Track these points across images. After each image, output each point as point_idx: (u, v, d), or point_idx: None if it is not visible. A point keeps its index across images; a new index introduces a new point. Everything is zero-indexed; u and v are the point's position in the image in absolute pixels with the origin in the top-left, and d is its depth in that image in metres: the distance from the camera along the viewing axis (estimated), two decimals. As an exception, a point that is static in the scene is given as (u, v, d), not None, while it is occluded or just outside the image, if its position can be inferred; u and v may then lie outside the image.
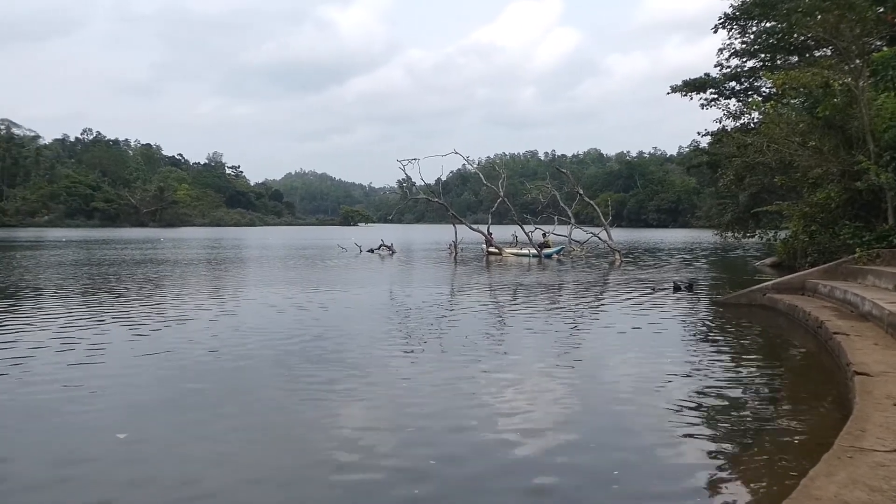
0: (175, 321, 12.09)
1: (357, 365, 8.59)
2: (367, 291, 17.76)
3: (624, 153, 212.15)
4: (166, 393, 7.31)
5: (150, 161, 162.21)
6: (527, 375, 8.11)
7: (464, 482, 4.89)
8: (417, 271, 26.02)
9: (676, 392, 7.33)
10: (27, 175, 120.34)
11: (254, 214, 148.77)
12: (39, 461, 5.24)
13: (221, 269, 25.69)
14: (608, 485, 4.85)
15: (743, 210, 30.74)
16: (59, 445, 5.61)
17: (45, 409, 6.55)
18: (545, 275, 23.36)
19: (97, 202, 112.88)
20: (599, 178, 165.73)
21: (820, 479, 4.04)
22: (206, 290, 17.61)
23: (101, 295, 16.02)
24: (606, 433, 6.02)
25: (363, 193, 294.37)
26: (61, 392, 7.18)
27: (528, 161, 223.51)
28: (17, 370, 8.13)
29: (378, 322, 12.28)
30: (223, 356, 9.00)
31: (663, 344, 10.24)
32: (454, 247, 36.33)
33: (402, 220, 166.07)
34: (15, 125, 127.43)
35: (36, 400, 6.89)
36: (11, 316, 12.55)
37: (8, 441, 5.68)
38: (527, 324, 12.10)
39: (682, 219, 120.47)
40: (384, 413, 6.59)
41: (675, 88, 33.12)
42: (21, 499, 4.59)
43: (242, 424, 6.18)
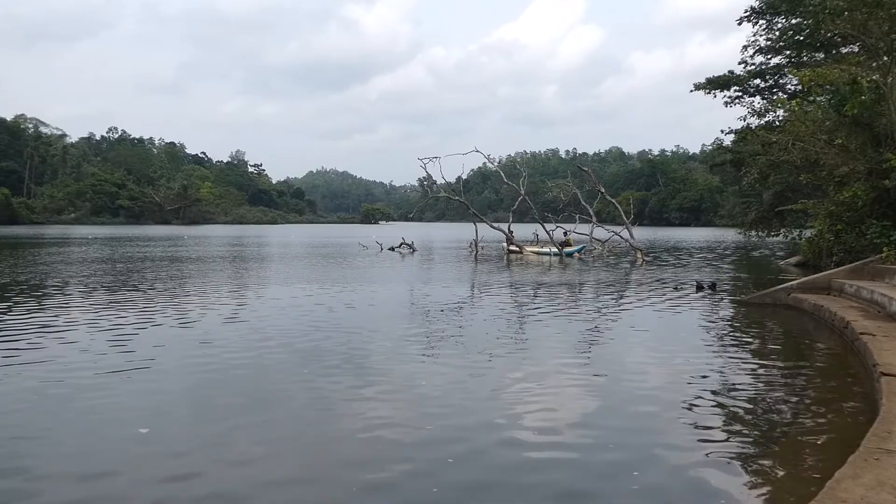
0: (198, 318, 12.22)
1: (377, 363, 8.63)
2: (387, 289, 17.81)
3: (646, 151, 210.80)
4: (188, 389, 7.39)
5: (173, 159, 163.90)
6: (547, 374, 8.08)
7: (481, 480, 4.88)
8: (438, 269, 26.04)
9: (698, 392, 7.27)
10: (54, 173, 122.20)
11: (275, 212, 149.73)
12: (61, 455, 5.33)
13: (244, 266, 25.90)
14: (628, 485, 4.81)
15: (767, 209, 30.44)
16: (81, 439, 5.70)
17: (68, 404, 6.65)
18: (566, 273, 23.28)
19: (122, 200, 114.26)
20: (621, 177, 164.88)
21: (846, 481, 3.99)
22: (229, 288, 17.77)
23: (125, 291, 16.23)
24: (626, 433, 5.98)
25: (384, 191, 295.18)
26: (85, 387, 7.28)
27: (549, 159, 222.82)
28: (42, 365, 8.25)
29: (398, 319, 12.32)
30: (245, 353, 9.07)
31: (685, 344, 10.17)
32: (475, 245, 36.34)
33: (423, 219, 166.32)
34: (43, 124, 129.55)
35: (59, 394, 6.99)
36: (40, 312, 12.74)
37: (31, 435, 5.75)
38: (547, 323, 12.07)
39: (704, 217, 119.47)
40: (404, 411, 6.60)
41: (698, 86, 32.82)
42: (43, 492, 4.65)
43: (263, 422, 6.21)
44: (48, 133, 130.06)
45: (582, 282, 20.30)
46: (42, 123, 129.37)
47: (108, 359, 8.64)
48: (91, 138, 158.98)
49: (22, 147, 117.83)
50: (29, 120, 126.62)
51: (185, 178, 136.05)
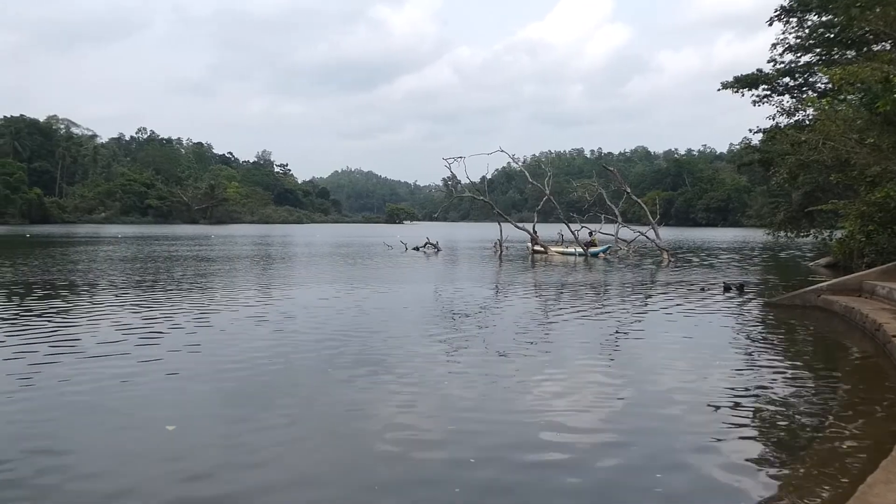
0: (225, 317, 12.35)
1: (401, 363, 8.64)
2: (412, 289, 17.86)
3: (672, 151, 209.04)
4: (214, 386, 7.47)
5: (201, 159, 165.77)
6: (571, 375, 8.06)
7: (503, 481, 4.87)
8: (462, 269, 26.06)
9: (725, 394, 7.19)
10: (85, 173, 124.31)
11: (301, 212, 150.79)
12: (88, 449, 5.44)
13: (270, 266, 26.13)
14: (651, 487, 4.78)
15: (796, 209, 29.99)
16: (108, 435, 5.80)
17: (96, 399, 6.76)
18: (591, 274, 23.16)
19: (151, 200, 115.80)
20: (647, 177, 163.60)
21: (878, 486, 3.93)
22: (256, 287, 17.93)
23: (154, 290, 16.46)
24: (651, 434, 5.93)
25: (408, 191, 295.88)
26: (112, 384, 7.39)
27: (573, 159, 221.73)
28: (72, 361, 8.40)
29: (422, 319, 12.34)
30: (271, 352, 9.14)
31: (712, 345, 10.07)
32: (499, 245, 36.28)
33: (447, 218, 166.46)
34: (74, 124, 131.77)
35: (88, 390, 7.10)
36: (70, 309, 12.97)
37: (60, 431, 5.86)
38: (572, 324, 12.01)
39: (731, 218, 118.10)
40: (426, 410, 6.61)
41: (725, 85, 32.39)
42: (71, 487, 4.73)
43: (287, 421, 6.25)
44: (79, 134, 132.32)
45: (607, 282, 20.19)
46: (73, 124, 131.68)
47: (136, 356, 8.77)
48: (121, 139, 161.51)
49: (54, 147, 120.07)
50: (61, 121, 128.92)
51: (212, 177, 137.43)
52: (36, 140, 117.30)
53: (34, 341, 9.62)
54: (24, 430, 5.80)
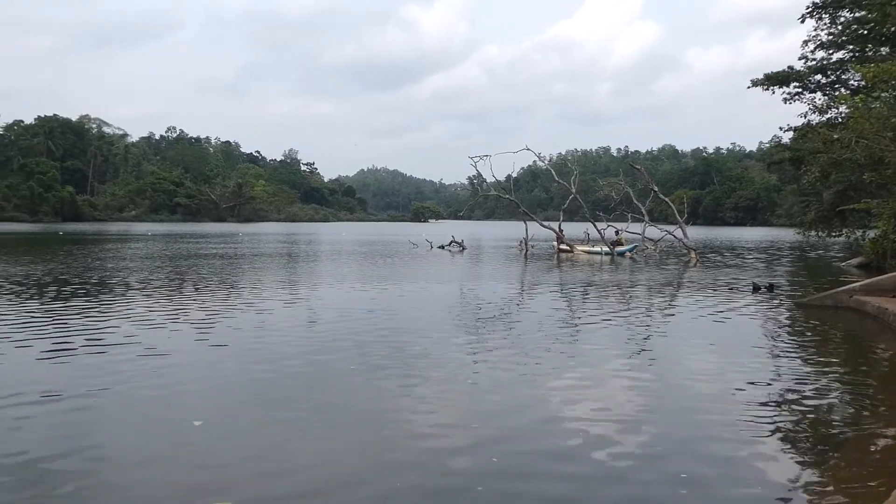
0: (252, 314, 12.48)
1: (426, 361, 8.67)
2: (437, 287, 17.89)
3: (700, 149, 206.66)
4: (241, 383, 7.55)
5: (229, 158, 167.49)
6: (597, 375, 8.02)
7: (526, 480, 4.87)
8: (488, 268, 26.04)
9: (754, 396, 7.11)
10: (116, 172, 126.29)
11: (327, 210, 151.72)
12: (115, 443, 5.53)
13: (297, 264, 26.35)
14: (675, 489, 4.74)
15: (828, 208, 29.52)
16: (136, 429, 5.88)
17: (124, 394, 6.86)
18: (618, 273, 23.01)
19: (180, 198, 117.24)
20: (674, 175, 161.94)
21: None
22: (283, 285, 18.09)
23: (183, 287, 16.69)
24: (676, 435, 5.88)
25: (433, 190, 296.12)
26: (142, 377, 7.52)
27: (600, 157, 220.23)
28: (103, 355, 8.55)
29: (447, 318, 12.36)
30: (297, 349, 9.23)
31: (741, 346, 9.96)
32: (525, 244, 36.17)
33: (473, 217, 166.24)
34: (105, 124, 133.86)
35: (116, 385, 7.20)
36: (103, 305, 13.20)
37: (87, 423, 5.97)
38: (598, 323, 11.95)
39: (761, 217, 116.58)
40: (451, 409, 6.63)
41: (756, 82, 31.98)
42: (95, 480, 4.82)
43: (313, 417, 6.31)
44: (111, 133, 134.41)
45: (634, 282, 20.04)
46: (105, 123, 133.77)
47: (164, 352, 8.90)
48: (151, 138, 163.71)
49: (86, 146, 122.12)
50: (93, 120, 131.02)
51: (239, 176, 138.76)
52: (69, 139, 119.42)
53: (68, 336, 9.82)
54: (52, 425, 5.91)
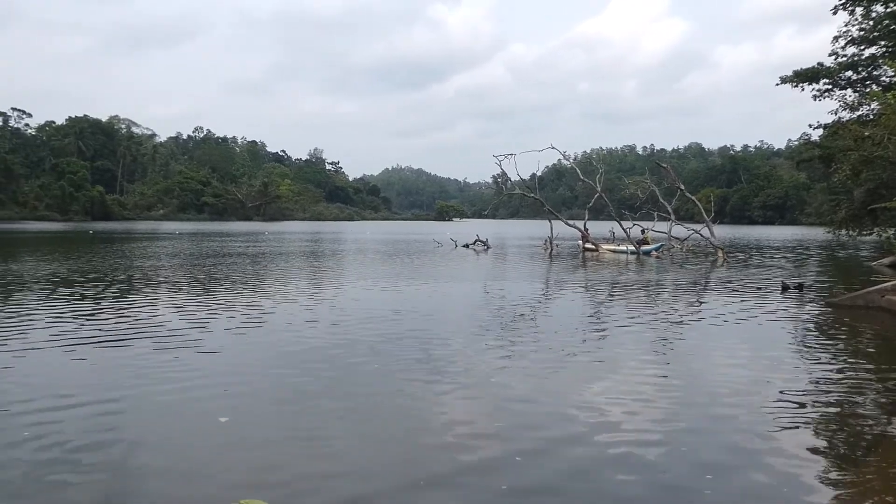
0: (278, 312, 12.60)
1: (450, 359, 8.68)
2: (461, 286, 17.91)
3: (727, 147, 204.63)
4: (267, 380, 7.61)
5: (255, 157, 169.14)
6: (622, 374, 7.97)
7: (549, 480, 4.85)
8: (512, 267, 26.00)
9: (781, 397, 7.02)
10: (144, 171, 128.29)
11: (352, 209, 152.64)
12: (141, 438, 5.59)
13: (322, 262, 26.52)
14: (700, 489, 4.70)
15: (859, 206, 29.00)
16: (162, 424, 5.96)
17: (151, 391, 6.95)
18: (643, 272, 22.84)
19: (207, 197, 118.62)
20: (701, 173, 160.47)
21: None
22: (308, 283, 18.23)
23: (210, 284, 16.88)
24: (703, 435, 5.82)
25: (458, 188, 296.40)
26: (169, 373, 7.63)
27: (625, 156, 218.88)
28: (131, 352, 8.69)
29: (473, 316, 12.36)
30: (322, 346, 9.30)
31: (769, 346, 9.84)
32: (549, 242, 36.07)
33: (497, 216, 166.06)
34: (134, 124, 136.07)
35: (143, 381, 7.32)
36: (131, 301, 13.40)
37: (115, 423, 6.03)
38: (624, 322, 11.87)
39: (789, 215, 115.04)
40: (475, 407, 6.63)
41: (785, 79, 31.60)
42: (119, 474, 4.89)
43: (338, 414, 6.34)
44: (139, 133, 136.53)
45: (660, 281, 19.89)
46: (134, 124, 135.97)
47: (191, 348, 9.03)
48: (178, 137, 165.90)
49: (115, 146, 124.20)
50: (122, 121, 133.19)
51: (265, 175, 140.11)
52: (98, 139, 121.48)
53: (95, 331, 10.01)
54: (80, 419, 6.02)
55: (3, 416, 5.97)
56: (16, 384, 7.16)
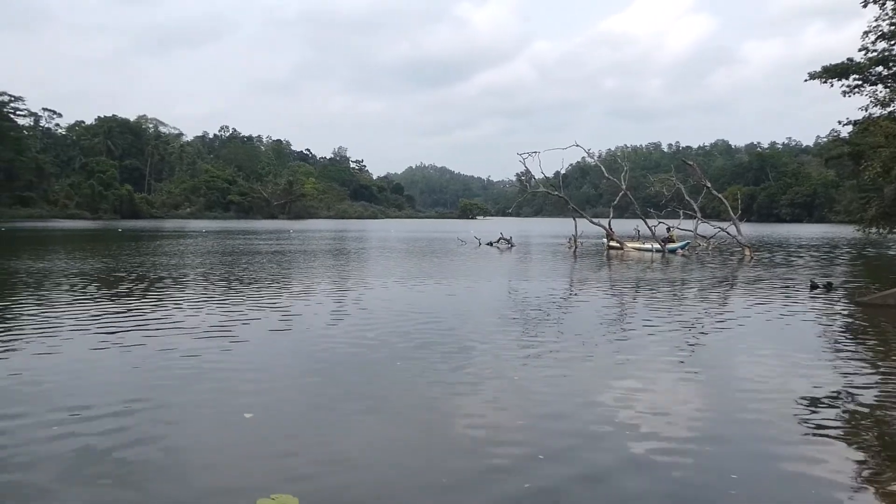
0: (302, 310, 12.71)
1: (474, 357, 8.70)
2: (485, 284, 17.93)
3: (754, 144, 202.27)
4: (292, 377, 7.69)
5: (280, 156, 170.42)
6: (646, 374, 7.93)
7: (572, 478, 4.85)
8: (536, 265, 25.96)
9: (811, 397, 6.96)
10: (171, 170, 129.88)
11: (376, 207, 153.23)
12: (166, 433, 5.69)
13: (347, 260, 26.68)
14: (725, 489, 4.68)
15: (889, 203, 28.56)
16: (188, 420, 6.04)
17: (177, 388, 7.06)
18: (669, 271, 22.69)
19: (233, 195, 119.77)
20: (727, 171, 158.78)
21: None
22: (333, 280, 18.36)
23: (236, 282, 17.06)
24: (728, 436, 5.77)
25: (481, 186, 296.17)
26: (195, 370, 7.76)
27: (650, 153, 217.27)
28: (158, 348, 8.82)
29: (496, 315, 12.38)
30: (347, 344, 9.36)
31: (797, 346, 9.74)
32: (574, 241, 35.94)
33: (521, 214, 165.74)
34: (162, 124, 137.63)
35: (170, 378, 7.44)
36: (159, 298, 13.61)
37: (140, 419, 6.11)
38: (649, 321, 11.80)
39: (818, 213, 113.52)
40: (498, 405, 6.63)
41: (813, 75, 31.09)
42: (141, 469, 4.99)
43: (362, 412, 6.38)
44: (166, 132, 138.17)
45: (686, 279, 19.75)
46: (161, 123, 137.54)
47: (217, 345, 9.16)
48: (205, 136, 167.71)
49: (143, 146, 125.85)
50: (149, 120, 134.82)
51: (290, 174, 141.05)
52: (127, 139, 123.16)
53: (122, 328, 10.19)
54: (107, 416, 6.11)
55: (33, 415, 6.06)
56: (44, 380, 7.29)
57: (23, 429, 5.65)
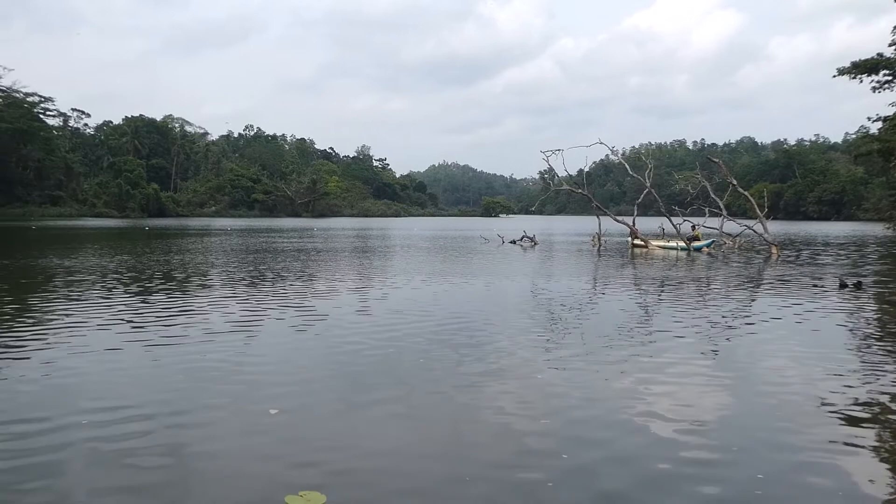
0: (327, 307, 12.78)
1: (498, 355, 8.71)
2: (509, 282, 17.91)
3: (781, 141, 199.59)
4: (316, 374, 7.75)
5: (303, 154, 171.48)
6: (671, 374, 7.87)
7: (594, 477, 4.85)
8: (560, 263, 25.87)
9: (839, 398, 6.87)
10: (197, 169, 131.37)
11: (398, 205, 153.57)
12: (194, 429, 5.75)
13: (370, 258, 26.78)
14: (751, 489, 4.65)
15: (921, 202, 28.09)
16: (215, 416, 6.10)
17: (203, 385, 7.14)
18: (694, 269, 22.49)
19: (257, 194, 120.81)
20: (753, 168, 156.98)
21: None
22: (357, 277, 18.46)
23: (261, 279, 17.22)
24: (753, 436, 5.72)
25: (504, 184, 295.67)
26: (221, 365, 7.85)
27: (675, 151, 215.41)
28: (182, 343, 8.96)
29: (519, 313, 12.37)
30: (371, 341, 9.41)
31: (826, 346, 9.60)
32: (597, 238, 35.76)
33: (544, 212, 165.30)
34: (187, 123, 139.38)
35: (196, 375, 7.53)
36: (185, 295, 13.78)
37: (167, 417, 6.20)
38: (673, 321, 11.72)
39: (846, 211, 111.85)
40: (521, 403, 6.63)
41: (842, 71, 30.76)
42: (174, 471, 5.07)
43: (384, 407, 6.42)
44: (192, 132, 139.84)
45: (711, 278, 19.57)
46: (187, 122, 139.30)
47: (242, 342, 9.27)
48: (229, 136, 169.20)
49: (169, 145, 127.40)
50: (175, 120, 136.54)
51: (314, 172, 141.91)
52: (153, 138, 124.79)
53: (149, 325, 10.35)
54: (133, 413, 6.21)
55: (60, 415, 6.14)
56: (72, 380, 7.41)
57: (51, 429, 5.70)
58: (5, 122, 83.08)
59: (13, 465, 4.92)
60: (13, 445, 5.30)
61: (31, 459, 5.01)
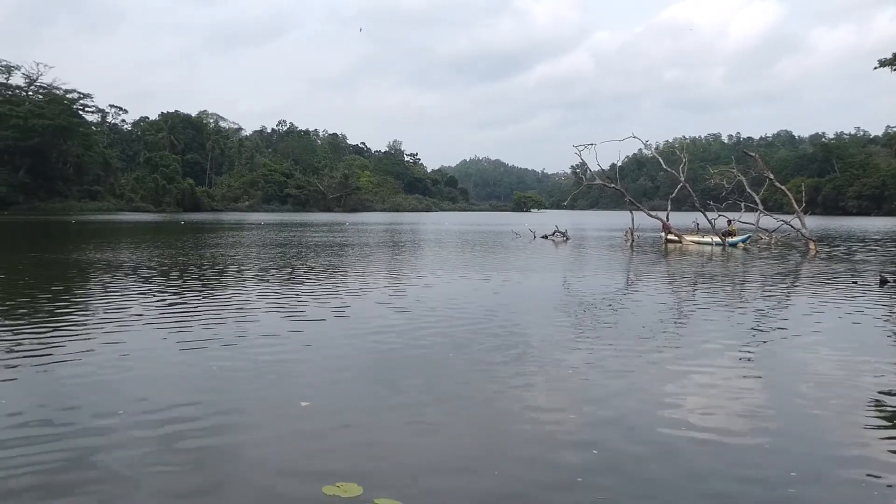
0: (359, 302, 12.88)
1: (529, 351, 8.70)
2: (541, 277, 17.86)
3: (819, 135, 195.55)
4: (347, 367, 7.80)
5: (335, 149, 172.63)
6: (704, 371, 7.78)
7: (623, 474, 4.83)
8: (592, 258, 25.71)
9: (876, 397, 6.75)
10: (231, 164, 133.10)
11: (430, 200, 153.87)
12: (226, 421, 5.84)
13: (402, 251, 26.89)
14: (784, 487, 4.60)
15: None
16: (250, 414, 6.13)
17: (238, 378, 7.23)
18: (730, 265, 22.19)
19: (290, 189, 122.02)
20: (790, 162, 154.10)
21: None
22: (389, 272, 18.54)
23: (295, 274, 17.38)
24: (788, 434, 5.65)
25: (535, 179, 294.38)
26: (251, 358, 7.96)
27: (710, 145, 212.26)
28: (215, 337, 9.09)
29: (551, 308, 12.33)
30: (402, 335, 9.46)
31: (865, 344, 9.43)
32: (631, 233, 35.46)
33: (576, 207, 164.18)
34: (222, 119, 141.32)
35: (230, 368, 7.63)
36: (217, 289, 14.01)
37: (199, 410, 6.27)
38: (708, 317, 11.60)
39: (887, 206, 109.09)
40: (552, 400, 6.63)
41: (883, 62, 30.03)
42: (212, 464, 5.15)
43: (414, 402, 6.44)
44: (226, 127, 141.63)
45: (747, 274, 19.29)
46: (221, 118, 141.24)
47: (273, 335, 9.37)
48: (263, 131, 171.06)
49: (204, 140, 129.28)
50: (210, 115, 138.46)
51: (346, 167, 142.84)
52: (188, 134, 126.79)
53: (186, 318, 10.54)
54: (167, 405, 6.34)
55: (91, 406, 6.25)
56: (112, 373, 7.55)
57: (94, 424, 5.80)
58: (46, 118, 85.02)
59: (56, 457, 5.04)
60: (54, 440, 5.42)
61: (71, 454, 5.10)
